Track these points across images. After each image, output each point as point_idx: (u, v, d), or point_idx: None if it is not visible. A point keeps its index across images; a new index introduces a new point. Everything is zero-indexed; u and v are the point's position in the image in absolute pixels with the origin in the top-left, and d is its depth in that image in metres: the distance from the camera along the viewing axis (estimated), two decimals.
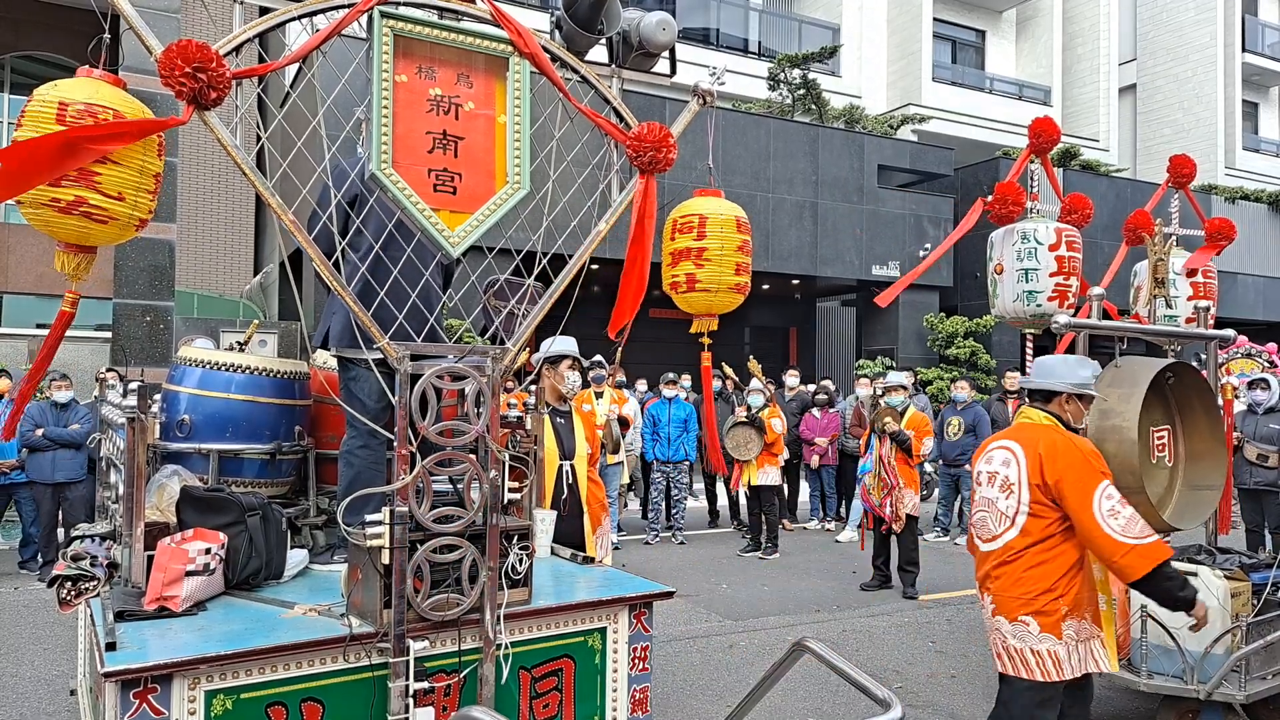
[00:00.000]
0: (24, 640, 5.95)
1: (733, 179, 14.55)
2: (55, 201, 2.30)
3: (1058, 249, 4.57)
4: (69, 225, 2.33)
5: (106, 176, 2.32)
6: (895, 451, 7.52)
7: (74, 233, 2.36)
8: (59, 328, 2.46)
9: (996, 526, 3.33)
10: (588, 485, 4.46)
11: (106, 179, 2.32)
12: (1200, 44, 26.58)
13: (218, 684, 2.28)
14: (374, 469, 3.12)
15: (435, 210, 2.55)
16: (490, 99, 2.67)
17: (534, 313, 2.97)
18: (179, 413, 3.19)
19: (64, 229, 2.34)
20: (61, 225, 2.33)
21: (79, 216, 2.32)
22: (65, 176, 2.28)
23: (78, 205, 2.30)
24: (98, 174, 2.31)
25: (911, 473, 7.60)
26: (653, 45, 2.98)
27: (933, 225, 16.86)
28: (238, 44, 2.34)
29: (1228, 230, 5.92)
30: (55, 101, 2.30)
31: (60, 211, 2.31)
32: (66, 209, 2.31)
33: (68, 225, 2.33)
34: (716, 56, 19.33)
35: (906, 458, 7.54)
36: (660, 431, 9.88)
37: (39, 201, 2.30)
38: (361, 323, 2.53)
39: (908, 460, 7.56)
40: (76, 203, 2.30)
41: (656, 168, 2.90)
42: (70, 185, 2.30)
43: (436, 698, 2.56)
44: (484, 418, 2.58)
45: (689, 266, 3.19)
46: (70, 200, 2.30)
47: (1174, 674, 4.00)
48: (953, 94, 23.31)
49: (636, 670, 2.99)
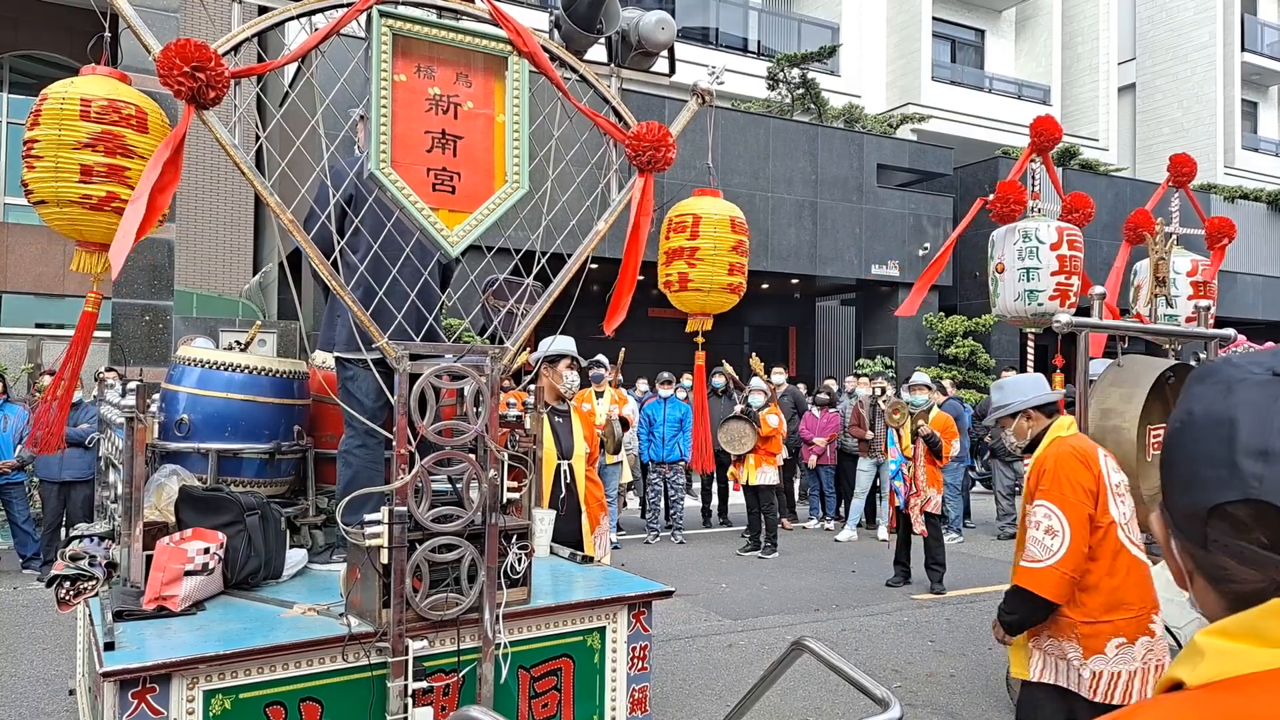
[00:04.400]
0: (23, 640, 5.94)
1: (732, 178, 14.55)
2: (86, 199, 2.29)
3: (1059, 248, 4.56)
4: (98, 223, 2.31)
5: (135, 171, 2.31)
6: (925, 453, 7.56)
7: (103, 230, 2.34)
8: (84, 329, 2.45)
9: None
10: (586, 485, 4.46)
11: (135, 174, 2.32)
12: (1199, 43, 26.58)
13: (216, 684, 2.28)
14: (372, 468, 3.12)
15: (434, 209, 2.55)
16: (489, 98, 2.67)
17: (533, 312, 2.97)
18: (178, 412, 3.19)
19: (93, 227, 2.32)
20: (91, 223, 2.31)
21: (110, 213, 2.31)
22: (95, 172, 2.28)
23: (110, 201, 2.29)
24: (127, 169, 2.32)
25: (937, 474, 7.66)
26: (652, 44, 2.98)
27: (932, 225, 16.87)
28: (236, 43, 2.34)
29: (1228, 229, 5.92)
30: (77, 98, 2.30)
31: (91, 209, 2.30)
32: (98, 205, 2.30)
33: (97, 223, 2.31)
34: (716, 56, 19.31)
35: (934, 459, 7.59)
36: (655, 431, 9.88)
37: (66, 200, 2.29)
38: (360, 322, 2.53)
39: (934, 461, 7.60)
40: (109, 199, 2.29)
41: (655, 167, 2.90)
42: (101, 181, 2.29)
43: (435, 697, 2.56)
44: (483, 417, 2.57)
45: (682, 265, 3.19)
46: (102, 196, 2.30)
47: None
48: (952, 93, 23.31)
49: (635, 670, 2.99)
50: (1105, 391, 4.68)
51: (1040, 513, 3.03)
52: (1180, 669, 0.73)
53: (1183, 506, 0.78)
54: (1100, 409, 4.59)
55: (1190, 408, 0.79)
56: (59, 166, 2.29)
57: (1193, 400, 0.79)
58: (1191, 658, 0.73)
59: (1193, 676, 0.71)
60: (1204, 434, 0.76)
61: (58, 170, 2.29)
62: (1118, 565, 3.02)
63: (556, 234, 2.89)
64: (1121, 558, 3.03)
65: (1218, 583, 0.77)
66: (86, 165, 2.30)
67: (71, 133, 2.30)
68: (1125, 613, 3.00)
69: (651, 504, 10.31)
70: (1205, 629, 0.74)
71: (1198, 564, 0.78)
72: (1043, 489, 3.06)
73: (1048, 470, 3.07)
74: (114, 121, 2.33)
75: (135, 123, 2.38)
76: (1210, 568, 0.77)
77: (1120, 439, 4.48)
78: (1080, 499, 3.00)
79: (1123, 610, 3.00)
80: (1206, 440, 0.76)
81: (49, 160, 2.29)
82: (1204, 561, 0.77)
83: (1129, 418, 4.47)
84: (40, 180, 2.31)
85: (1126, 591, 3.01)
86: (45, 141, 2.30)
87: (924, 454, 7.58)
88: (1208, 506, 0.74)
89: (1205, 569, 0.78)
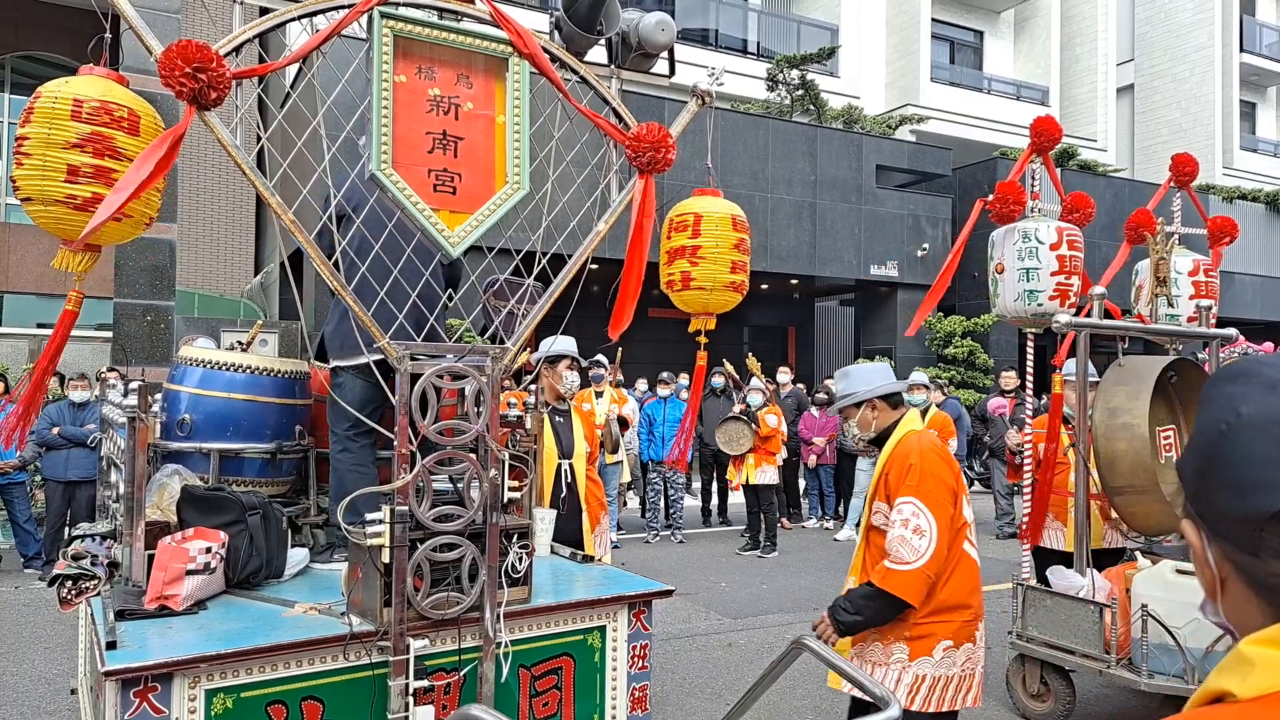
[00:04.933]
0: (24, 639, 5.95)
1: (731, 179, 14.56)
2: (71, 199, 2.27)
3: (1059, 248, 4.56)
4: (82, 223, 2.27)
5: (123, 174, 2.29)
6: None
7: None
8: (63, 328, 2.44)
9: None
10: (586, 484, 4.47)
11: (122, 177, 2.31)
12: (1198, 44, 26.59)
13: (218, 683, 2.28)
14: (357, 471, 3.14)
15: (435, 210, 2.56)
16: (490, 99, 2.68)
17: (534, 313, 2.98)
18: (180, 412, 3.19)
19: (77, 227, 2.29)
20: (75, 223, 2.28)
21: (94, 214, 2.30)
22: (81, 173, 2.26)
23: (95, 202, 2.26)
24: (114, 170, 2.30)
25: None
26: (652, 46, 2.99)
27: (931, 225, 16.88)
28: (238, 44, 2.34)
29: (1230, 229, 5.92)
30: (70, 98, 2.28)
31: (75, 209, 2.27)
32: (82, 206, 2.27)
33: (81, 223, 2.28)
34: (715, 57, 19.32)
35: None
36: (655, 431, 9.89)
37: (52, 199, 2.27)
38: (361, 322, 2.54)
39: None
40: (94, 200, 2.27)
41: (655, 168, 2.91)
42: (87, 181, 2.28)
43: (436, 696, 2.57)
44: (484, 417, 2.58)
45: (684, 265, 3.19)
46: (87, 197, 2.28)
47: (1175, 673, 4.00)
48: (951, 94, 23.32)
49: (636, 668, 3.00)
50: (1110, 391, 4.68)
51: (908, 510, 2.87)
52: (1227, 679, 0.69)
53: (1234, 512, 0.73)
54: (1107, 408, 4.58)
55: (1235, 408, 0.74)
56: (46, 165, 2.27)
57: (1235, 400, 0.74)
58: (1239, 668, 0.68)
59: (1243, 688, 0.67)
60: (1260, 435, 0.71)
61: (45, 169, 2.27)
62: (960, 567, 2.94)
63: (557, 235, 2.90)
64: (963, 560, 2.96)
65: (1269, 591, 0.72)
66: (74, 165, 2.28)
67: (61, 132, 2.28)
68: (959, 615, 2.92)
69: (651, 503, 10.32)
70: (1252, 637, 0.70)
71: (1242, 571, 0.74)
72: (909, 485, 2.90)
73: (914, 466, 2.92)
74: (105, 123, 2.32)
75: (126, 125, 2.36)
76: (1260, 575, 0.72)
77: (1133, 435, 4.42)
78: (946, 498, 2.90)
79: (957, 613, 2.92)
80: (1263, 441, 0.71)
81: (37, 158, 2.27)
82: (1252, 569, 0.73)
83: (1138, 414, 4.44)
84: (27, 178, 2.28)
85: (962, 594, 2.93)
86: (35, 140, 2.28)
87: None
88: (1268, 512, 0.70)
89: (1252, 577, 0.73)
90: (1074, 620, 4.35)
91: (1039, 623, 4.54)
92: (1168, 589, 4.06)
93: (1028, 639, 4.60)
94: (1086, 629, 4.28)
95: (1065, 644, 4.40)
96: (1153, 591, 4.08)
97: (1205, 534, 0.77)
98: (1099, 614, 4.23)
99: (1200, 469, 0.76)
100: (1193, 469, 0.78)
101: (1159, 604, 4.02)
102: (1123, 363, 4.83)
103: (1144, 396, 4.46)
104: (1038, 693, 4.64)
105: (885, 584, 2.84)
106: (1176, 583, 4.06)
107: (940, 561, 2.84)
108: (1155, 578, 4.15)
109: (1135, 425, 4.44)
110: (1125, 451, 4.49)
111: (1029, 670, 4.68)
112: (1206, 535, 0.76)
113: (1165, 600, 4.03)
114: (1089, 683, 4.93)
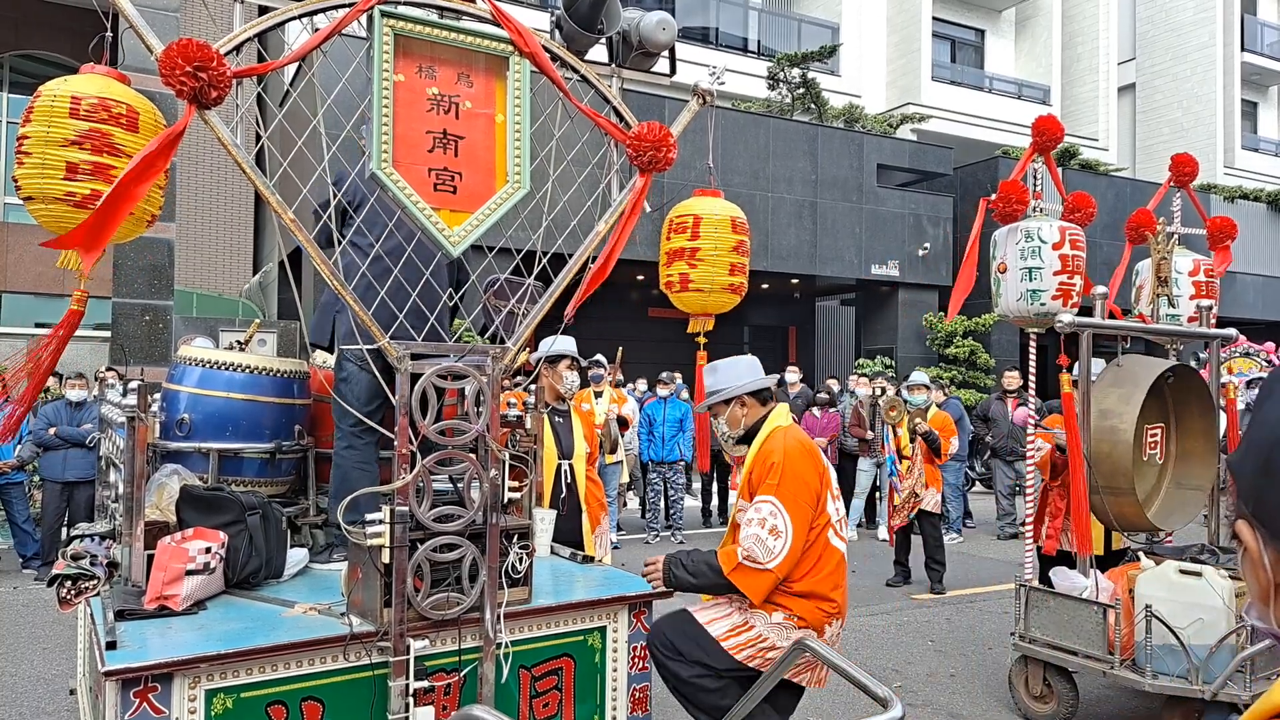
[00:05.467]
0: (23, 640, 5.94)
1: (732, 178, 14.55)
2: (70, 196, 2.27)
3: (1061, 247, 4.55)
4: (81, 220, 2.28)
5: (122, 171, 2.30)
6: (923, 450, 7.56)
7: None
8: (68, 327, 2.44)
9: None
10: (586, 484, 4.46)
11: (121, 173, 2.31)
12: (1199, 43, 26.58)
13: (218, 683, 2.28)
14: (361, 469, 3.13)
15: (435, 209, 2.55)
16: (490, 98, 2.67)
17: (534, 312, 2.97)
18: (179, 412, 3.18)
19: (76, 224, 2.31)
20: (74, 221, 2.28)
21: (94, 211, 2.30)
22: (80, 170, 2.26)
23: (93, 199, 2.26)
24: (113, 167, 2.30)
25: (935, 472, 7.65)
26: (652, 45, 2.98)
27: (932, 225, 16.86)
28: (238, 43, 2.34)
29: (1230, 229, 5.91)
30: (68, 96, 2.29)
31: (75, 206, 2.27)
32: (81, 203, 2.27)
33: (80, 220, 2.28)
34: (716, 56, 19.32)
35: (933, 457, 7.60)
36: (655, 431, 9.87)
37: (52, 197, 2.27)
38: (361, 322, 2.53)
39: (933, 460, 7.60)
40: (93, 196, 2.27)
41: (656, 167, 2.90)
42: (86, 179, 2.28)
43: (436, 697, 2.56)
44: (484, 417, 2.57)
45: (683, 266, 3.19)
46: (87, 194, 2.27)
47: (1178, 674, 3.99)
48: (952, 93, 23.32)
49: (636, 669, 2.99)
50: (1104, 392, 4.69)
51: (766, 509, 2.87)
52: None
53: None
54: (1099, 409, 4.60)
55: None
56: (45, 163, 2.27)
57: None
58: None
59: None
60: None
61: (44, 166, 2.27)
62: (822, 561, 2.97)
63: (557, 234, 2.89)
64: (826, 552, 2.98)
65: None
66: (72, 162, 2.28)
67: (60, 130, 2.28)
68: (816, 604, 2.95)
69: (651, 504, 10.30)
70: None
71: None
72: (770, 484, 2.90)
73: (776, 464, 2.91)
74: (103, 120, 2.31)
75: (125, 122, 2.36)
76: None
77: (1116, 439, 4.50)
78: (807, 500, 2.91)
79: (814, 601, 2.95)
80: None
81: (36, 156, 2.28)
82: None
83: (1127, 419, 4.49)
84: (28, 176, 2.29)
85: (824, 587, 2.96)
86: (34, 138, 2.28)
87: (923, 452, 7.58)
88: None
89: None
90: (1077, 621, 4.35)
91: (1042, 624, 4.54)
92: (1171, 589, 4.06)
93: (1030, 640, 4.59)
94: (1090, 630, 4.28)
95: (1068, 645, 4.39)
96: (1156, 592, 4.07)
97: (1263, 536, 0.73)
98: (1102, 615, 4.22)
99: (1262, 468, 0.72)
100: (1252, 468, 0.73)
101: (1163, 604, 4.01)
102: (1121, 363, 4.83)
103: (1135, 402, 4.48)
104: (1040, 694, 4.64)
105: (733, 577, 2.89)
106: (1180, 583, 4.05)
107: (793, 564, 2.88)
108: (1159, 578, 4.14)
109: (1122, 430, 4.47)
110: (1108, 454, 4.51)
111: (1031, 671, 4.67)
112: (1264, 537, 0.73)
113: (1169, 601, 4.02)
114: (1092, 684, 4.92)
